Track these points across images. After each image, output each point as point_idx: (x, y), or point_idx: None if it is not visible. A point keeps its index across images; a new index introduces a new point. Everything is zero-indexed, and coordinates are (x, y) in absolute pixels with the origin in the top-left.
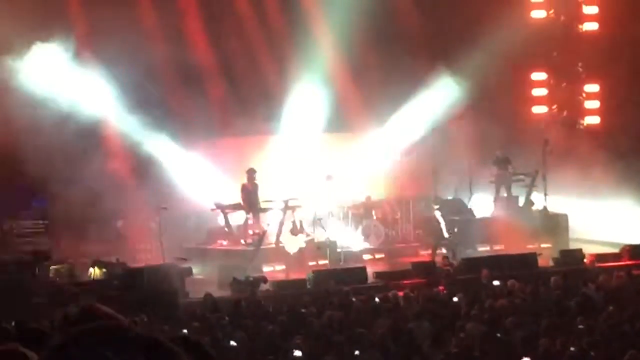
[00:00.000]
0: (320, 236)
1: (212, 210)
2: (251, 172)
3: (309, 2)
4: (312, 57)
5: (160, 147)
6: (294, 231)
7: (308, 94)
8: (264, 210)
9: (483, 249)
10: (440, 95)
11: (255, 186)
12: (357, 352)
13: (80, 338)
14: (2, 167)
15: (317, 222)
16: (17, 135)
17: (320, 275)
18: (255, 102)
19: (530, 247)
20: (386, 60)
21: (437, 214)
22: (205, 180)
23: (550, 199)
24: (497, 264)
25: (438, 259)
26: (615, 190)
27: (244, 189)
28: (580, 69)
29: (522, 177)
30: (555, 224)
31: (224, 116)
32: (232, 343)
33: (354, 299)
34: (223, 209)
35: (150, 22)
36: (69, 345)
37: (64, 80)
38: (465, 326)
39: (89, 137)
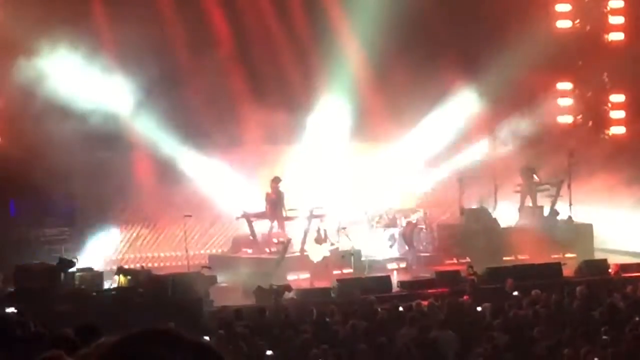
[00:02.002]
0: (344, 245)
1: (237, 218)
2: (276, 181)
3: (334, 12)
4: (337, 65)
5: (185, 154)
6: (319, 240)
7: (333, 103)
8: (289, 218)
9: (508, 259)
10: (464, 105)
11: (280, 195)
12: None
13: (133, 340)
14: (27, 174)
15: (341, 231)
16: (43, 142)
17: (345, 284)
18: (280, 110)
19: (554, 257)
20: (412, 70)
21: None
22: (230, 189)
23: (575, 209)
24: (522, 273)
25: (462, 269)
26: None
27: (268, 197)
28: (606, 79)
29: (547, 186)
30: (580, 233)
31: (249, 124)
32: (269, 352)
33: (378, 308)
34: (248, 217)
35: (175, 29)
36: (122, 347)
37: (86, 84)
38: (489, 336)
39: (114, 144)
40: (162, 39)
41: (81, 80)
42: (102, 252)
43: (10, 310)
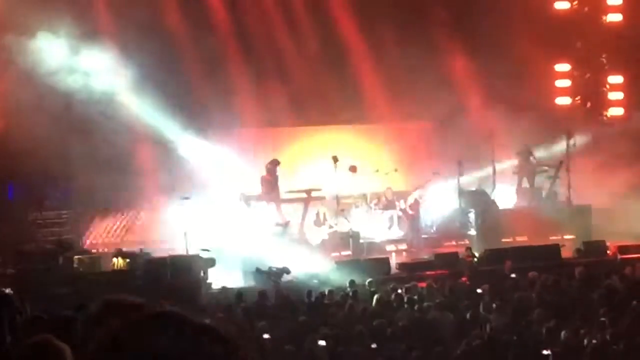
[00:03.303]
0: (343, 227)
1: (236, 200)
2: (274, 164)
3: None
4: (337, 48)
5: (184, 136)
6: (317, 222)
7: (332, 85)
8: (288, 201)
9: (506, 240)
10: (462, 88)
11: (276, 177)
12: (380, 343)
13: (137, 325)
14: (25, 157)
15: (340, 213)
16: (41, 125)
17: (343, 266)
18: (279, 92)
19: (553, 239)
20: (410, 50)
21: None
22: (229, 171)
23: (574, 190)
24: (521, 255)
25: (461, 250)
26: (638, 181)
27: (262, 181)
28: (604, 60)
29: (545, 168)
30: (578, 215)
31: (248, 106)
32: (265, 336)
33: (376, 290)
34: (247, 199)
35: (176, 13)
36: (124, 332)
37: (83, 66)
38: (488, 317)
39: (112, 126)
40: (160, 23)
41: (78, 61)
42: (100, 234)
43: (7, 291)
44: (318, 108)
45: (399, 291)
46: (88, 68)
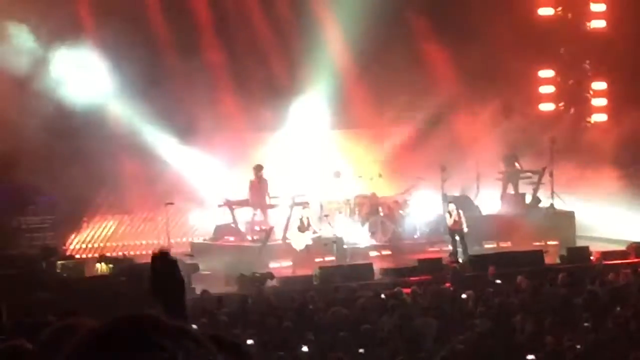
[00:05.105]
0: (327, 233)
1: (220, 206)
2: (258, 169)
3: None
4: (320, 52)
5: (167, 142)
6: (301, 228)
7: (316, 90)
8: (272, 206)
9: (490, 246)
10: (446, 93)
11: (264, 182)
12: (363, 349)
13: (116, 326)
14: (7, 162)
15: (324, 218)
16: (24, 130)
17: (327, 271)
18: (263, 97)
19: (537, 245)
20: (394, 57)
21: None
22: (212, 176)
23: (557, 196)
24: (504, 261)
25: (445, 256)
26: (622, 187)
27: (251, 185)
28: (588, 67)
29: (529, 174)
30: (562, 221)
31: (232, 111)
32: (249, 342)
33: (360, 296)
34: (230, 205)
35: (158, 16)
36: (105, 332)
37: (66, 71)
38: (471, 323)
39: (94, 131)
40: (143, 26)
41: (61, 66)
42: (83, 240)
43: None
44: (302, 113)
45: (383, 297)
46: (72, 75)
